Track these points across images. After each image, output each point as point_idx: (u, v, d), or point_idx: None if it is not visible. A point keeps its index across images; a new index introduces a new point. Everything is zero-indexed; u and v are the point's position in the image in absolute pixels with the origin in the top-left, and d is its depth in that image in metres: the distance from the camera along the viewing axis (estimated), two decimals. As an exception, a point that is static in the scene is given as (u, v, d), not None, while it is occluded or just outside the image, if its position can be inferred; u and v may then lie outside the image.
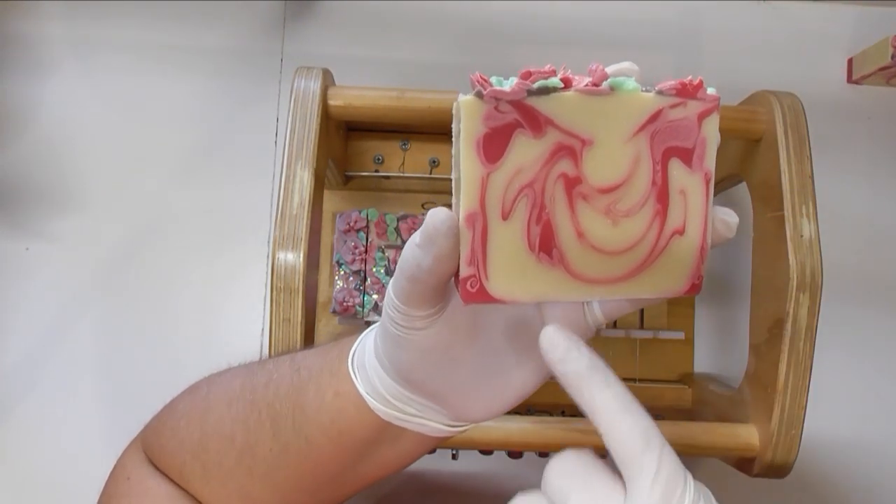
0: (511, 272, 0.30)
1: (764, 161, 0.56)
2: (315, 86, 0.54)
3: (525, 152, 0.29)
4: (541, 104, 0.29)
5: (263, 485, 0.42)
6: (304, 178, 0.52)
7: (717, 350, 0.73)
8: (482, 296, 0.30)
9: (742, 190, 0.61)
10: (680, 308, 0.72)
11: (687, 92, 0.30)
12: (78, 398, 0.71)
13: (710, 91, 0.30)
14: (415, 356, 0.34)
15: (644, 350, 0.71)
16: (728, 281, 0.74)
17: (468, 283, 0.29)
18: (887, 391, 0.75)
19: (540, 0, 0.77)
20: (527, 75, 0.29)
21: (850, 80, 0.77)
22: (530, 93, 0.28)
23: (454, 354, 0.34)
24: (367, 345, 0.37)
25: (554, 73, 0.29)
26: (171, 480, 0.44)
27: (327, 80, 0.56)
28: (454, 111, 0.29)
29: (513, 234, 0.29)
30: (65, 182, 0.73)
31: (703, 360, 0.73)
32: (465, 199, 0.29)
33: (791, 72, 0.77)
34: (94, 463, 0.47)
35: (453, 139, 0.29)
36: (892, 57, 0.70)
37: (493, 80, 0.29)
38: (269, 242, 0.73)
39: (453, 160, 0.30)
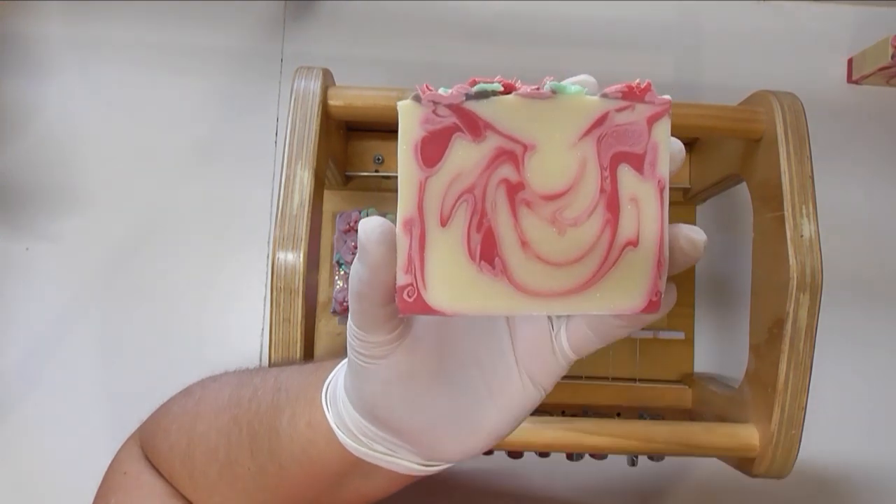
0: (451, 282, 0.29)
1: (764, 161, 0.56)
2: (315, 86, 0.54)
3: (464, 157, 0.28)
4: (480, 108, 0.28)
5: (244, 501, 0.41)
6: (304, 178, 0.52)
7: (717, 350, 0.73)
8: (420, 306, 0.29)
9: (742, 190, 0.61)
10: (680, 308, 0.72)
11: (633, 95, 0.29)
12: (78, 398, 0.71)
13: (662, 96, 0.29)
14: (377, 388, 0.33)
15: (644, 350, 0.71)
16: (728, 281, 0.74)
17: (405, 291, 0.28)
18: (887, 391, 0.75)
19: (540, 0, 0.77)
20: (472, 83, 0.28)
21: (850, 80, 0.77)
22: (469, 97, 0.28)
23: (419, 388, 0.33)
24: (340, 378, 0.36)
25: (498, 79, 0.29)
26: (165, 478, 0.44)
27: (327, 80, 0.56)
28: (398, 115, 0.28)
29: (452, 242, 0.29)
30: (65, 182, 0.73)
31: (703, 360, 0.73)
32: (402, 203, 0.28)
33: (791, 72, 0.77)
34: (95, 462, 0.47)
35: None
36: (892, 57, 0.70)
37: (441, 89, 0.28)
38: (269, 242, 0.73)
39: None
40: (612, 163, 0.29)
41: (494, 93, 0.28)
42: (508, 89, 0.28)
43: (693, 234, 0.30)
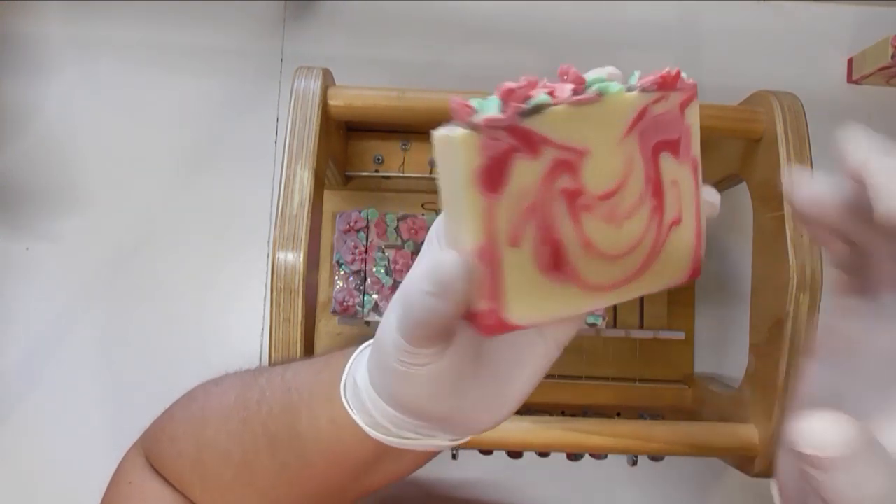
0: (527, 297, 0.29)
1: (764, 161, 0.56)
2: (315, 86, 0.54)
3: (525, 175, 0.28)
4: (534, 124, 0.27)
5: (263, 499, 0.42)
6: (305, 178, 0.52)
7: (717, 350, 0.73)
8: (502, 327, 0.29)
9: (742, 190, 0.61)
10: (680, 308, 0.72)
11: (668, 85, 0.30)
12: (78, 398, 0.71)
13: (687, 79, 0.30)
14: (423, 390, 0.32)
15: (644, 350, 0.71)
16: (728, 281, 0.74)
17: (487, 317, 0.29)
18: (887, 391, 0.75)
19: (540, 0, 0.77)
20: (509, 94, 0.27)
21: (850, 80, 0.77)
22: (524, 114, 0.27)
23: (463, 380, 0.33)
24: (359, 375, 0.36)
25: (535, 84, 0.28)
26: (172, 485, 0.44)
27: (327, 80, 0.56)
28: (440, 146, 0.28)
29: (524, 260, 0.29)
30: (65, 182, 0.73)
31: (703, 360, 0.73)
32: (467, 233, 0.28)
33: (791, 72, 0.77)
34: (95, 462, 0.47)
35: (441, 172, 0.28)
36: (892, 57, 0.70)
37: (474, 102, 0.27)
38: (269, 242, 0.73)
39: (444, 194, 0.28)
40: (653, 152, 0.30)
41: (547, 105, 0.28)
42: (553, 96, 0.28)
43: (710, 198, 0.32)
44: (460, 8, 0.76)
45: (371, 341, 0.36)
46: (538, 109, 0.27)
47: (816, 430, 0.23)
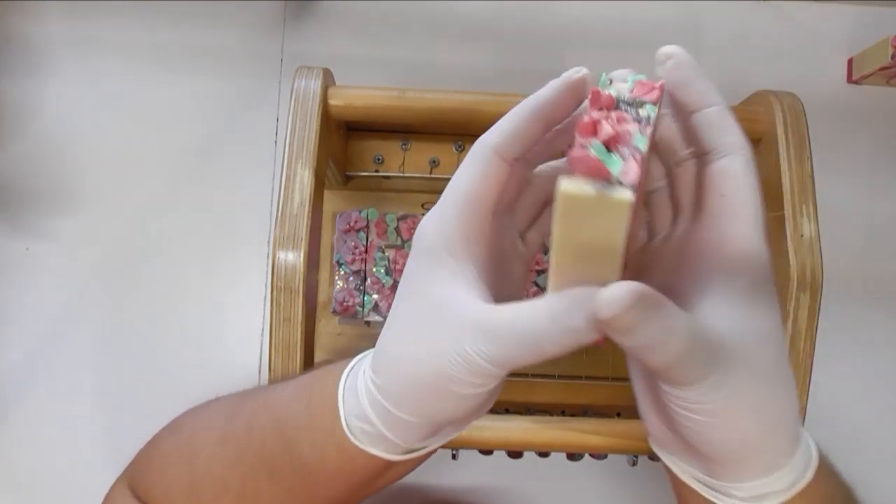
0: None
1: (764, 161, 0.56)
2: (315, 86, 0.54)
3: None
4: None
5: None
6: (305, 178, 0.52)
7: (717, 350, 0.73)
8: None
9: (742, 190, 0.61)
10: (680, 308, 0.72)
11: (655, 91, 0.31)
12: (78, 398, 0.70)
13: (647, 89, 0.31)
14: (467, 404, 0.32)
15: (644, 350, 0.71)
16: (728, 281, 0.74)
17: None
18: (887, 391, 0.75)
19: (540, 0, 0.77)
20: (615, 139, 0.27)
21: (850, 80, 0.77)
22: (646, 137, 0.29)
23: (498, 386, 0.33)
24: (364, 406, 0.34)
25: (623, 120, 0.29)
26: None
27: (327, 79, 0.56)
28: (588, 204, 0.26)
29: None
30: (65, 182, 0.73)
31: (703, 360, 0.73)
32: (616, 274, 0.28)
33: (791, 72, 0.77)
34: (95, 463, 0.47)
35: (575, 226, 0.27)
36: (892, 57, 0.70)
37: (596, 153, 0.26)
38: (269, 242, 0.73)
39: (575, 247, 0.28)
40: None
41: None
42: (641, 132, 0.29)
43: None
44: (460, 8, 0.76)
45: (361, 355, 0.36)
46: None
47: (613, 295, 0.26)
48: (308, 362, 0.54)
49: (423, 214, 0.67)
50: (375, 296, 0.67)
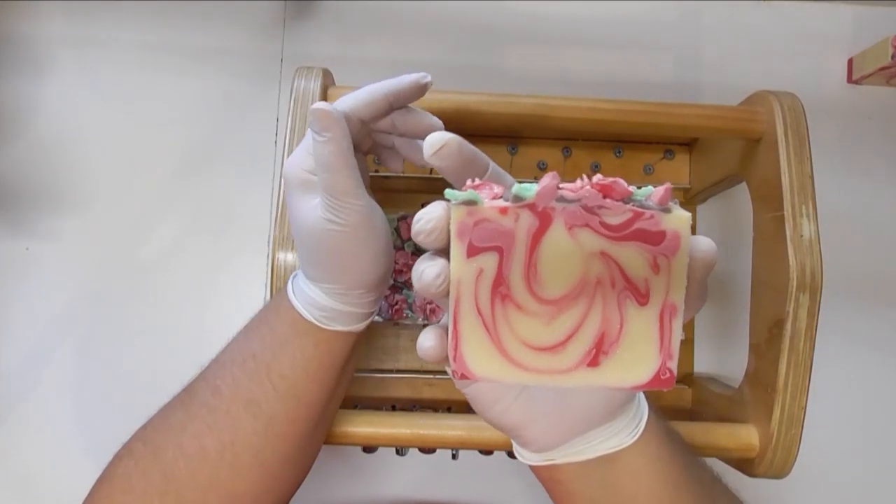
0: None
1: (764, 161, 0.56)
2: (315, 86, 0.54)
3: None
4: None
5: (250, 473, 0.43)
6: (304, 178, 0.52)
7: (717, 350, 0.73)
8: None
9: (742, 190, 0.61)
10: (680, 308, 0.72)
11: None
12: (78, 398, 0.71)
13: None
14: (356, 252, 0.42)
15: (644, 350, 0.71)
16: (728, 281, 0.74)
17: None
18: (887, 391, 0.75)
19: (540, 0, 0.77)
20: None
21: (850, 80, 0.77)
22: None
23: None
24: (314, 296, 0.43)
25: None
26: None
27: (327, 80, 0.56)
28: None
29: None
30: (65, 182, 0.73)
31: (703, 360, 0.73)
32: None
33: (791, 72, 0.77)
34: (94, 463, 0.47)
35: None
36: (892, 57, 0.70)
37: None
38: (269, 242, 0.73)
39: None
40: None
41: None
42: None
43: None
44: (460, 8, 0.76)
45: (290, 278, 0.46)
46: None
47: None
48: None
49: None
50: (375, 296, 0.67)
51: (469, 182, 0.33)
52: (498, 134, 0.68)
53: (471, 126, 0.56)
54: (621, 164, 0.69)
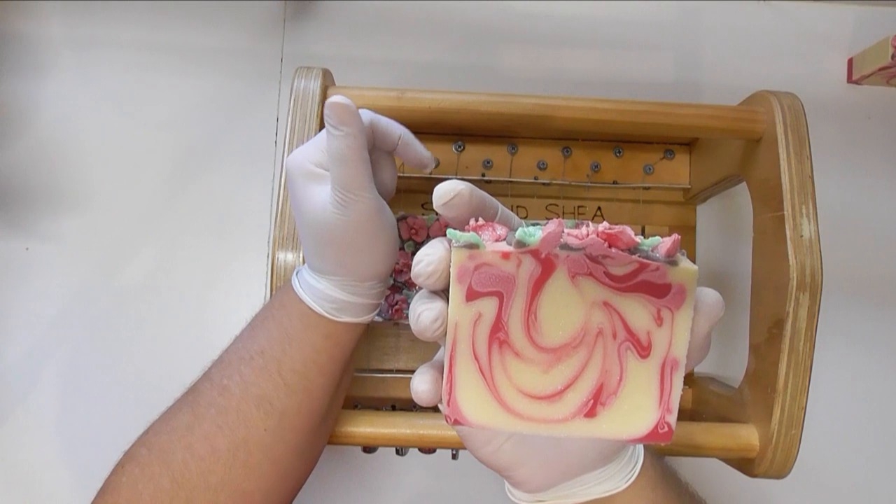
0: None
1: (764, 161, 0.56)
2: (315, 86, 0.54)
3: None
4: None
5: (261, 470, 0.43)
6: (304, 178, 0.52)
7: (717, 350, 0.73)
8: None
9: (742, 190, 0.61)
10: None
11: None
12: (78, 398, 0.71)
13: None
14: (365, 243, 0.43)
15: (644, 350, 0.71)
16: (728, 281, 0.74)
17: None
18: (887, 391, 0.75)
19: (539, 0, 0.77)
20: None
21: (850, 80, 0.77)
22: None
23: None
24: (322, 288, 0.44)
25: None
26: None
27: (327, 80, 0.56)
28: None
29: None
30: (65, 182, 0.73)
31: (704, 361, 0.73)
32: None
33: (791, 72, 0.77)
34: (94, 463, 0.47)
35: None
36: (893, 57, 0.70)
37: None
38: (269, 242, 0.73)
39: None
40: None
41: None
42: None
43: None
44: (460, 8, 0.76)
45: (294, 272, 0.47)
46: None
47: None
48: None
49: (423, 215, 0.67)
50: (375, 296, 0.67)
51: (472, 222, 0.32)
52: (498, 134, 0.68)
53: (471, 126, 0.56)
54: (621, 164, 0.69)
